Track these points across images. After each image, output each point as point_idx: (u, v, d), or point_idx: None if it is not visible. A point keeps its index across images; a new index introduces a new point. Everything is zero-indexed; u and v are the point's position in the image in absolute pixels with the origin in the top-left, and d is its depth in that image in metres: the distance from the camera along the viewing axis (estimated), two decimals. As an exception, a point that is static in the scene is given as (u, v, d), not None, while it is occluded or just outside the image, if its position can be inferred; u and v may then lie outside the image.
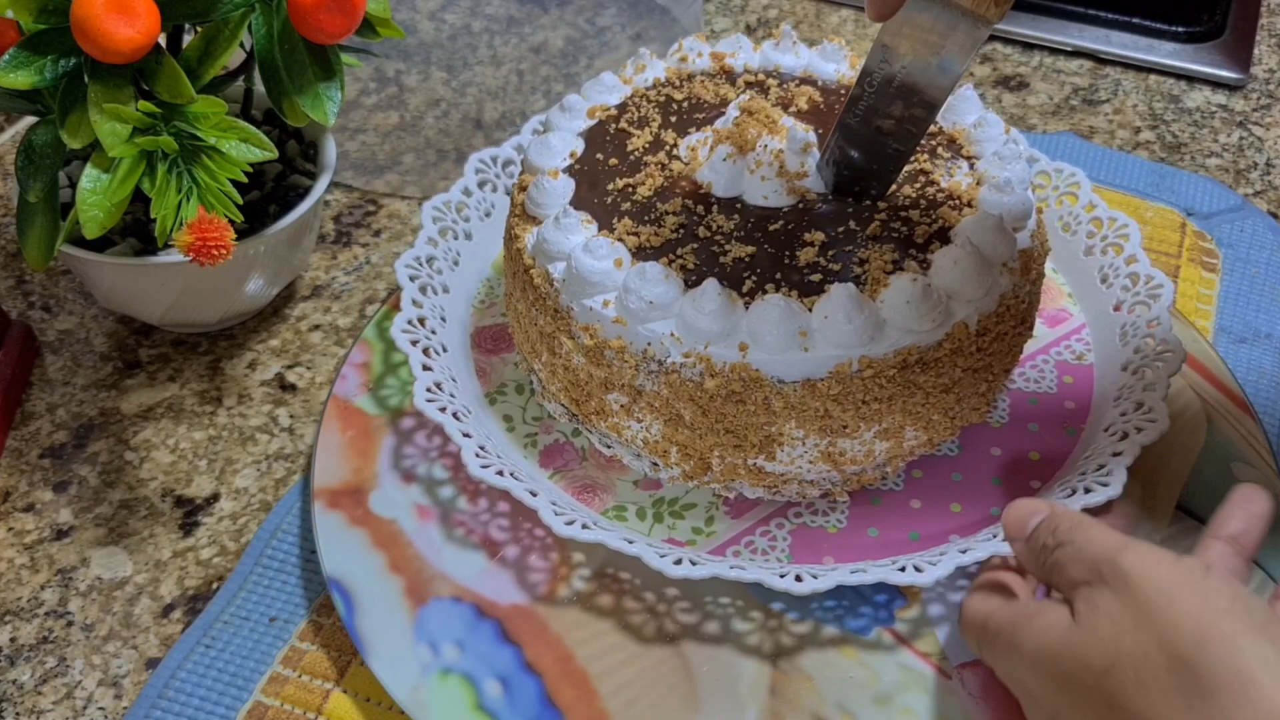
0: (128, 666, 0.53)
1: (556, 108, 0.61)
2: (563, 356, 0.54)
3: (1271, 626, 0.38)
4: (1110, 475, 0.52)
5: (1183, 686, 0.37)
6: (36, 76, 0.51)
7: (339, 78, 0.58)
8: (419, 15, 0.83)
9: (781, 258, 0.52)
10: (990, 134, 0.59)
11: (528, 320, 0.56)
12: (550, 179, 0.56)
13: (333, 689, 0.52)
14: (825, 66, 0.64)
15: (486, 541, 0.55)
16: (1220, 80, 0.86)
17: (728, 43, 0.65)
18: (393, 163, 0.77)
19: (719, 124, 0.59)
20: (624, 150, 0.58)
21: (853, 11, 0.93)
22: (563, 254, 0.53)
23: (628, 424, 0.54)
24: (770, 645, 0.52)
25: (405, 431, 0.60)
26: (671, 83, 0.63)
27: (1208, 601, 0.38)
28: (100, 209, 0.52)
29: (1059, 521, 0.45)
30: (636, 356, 0.51)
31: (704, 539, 0.55)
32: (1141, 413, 0.55)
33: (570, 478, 0.57)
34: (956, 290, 0.51)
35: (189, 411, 0.64)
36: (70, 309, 0.70)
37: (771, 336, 0.49)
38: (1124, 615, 0.40)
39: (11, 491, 0.60)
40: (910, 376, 0.50)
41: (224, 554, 0.57)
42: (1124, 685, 0.39)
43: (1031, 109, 0.84)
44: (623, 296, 0.51)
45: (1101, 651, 0.40)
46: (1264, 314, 0.68)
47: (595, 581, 0.54)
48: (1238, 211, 0.75)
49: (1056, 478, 0.57)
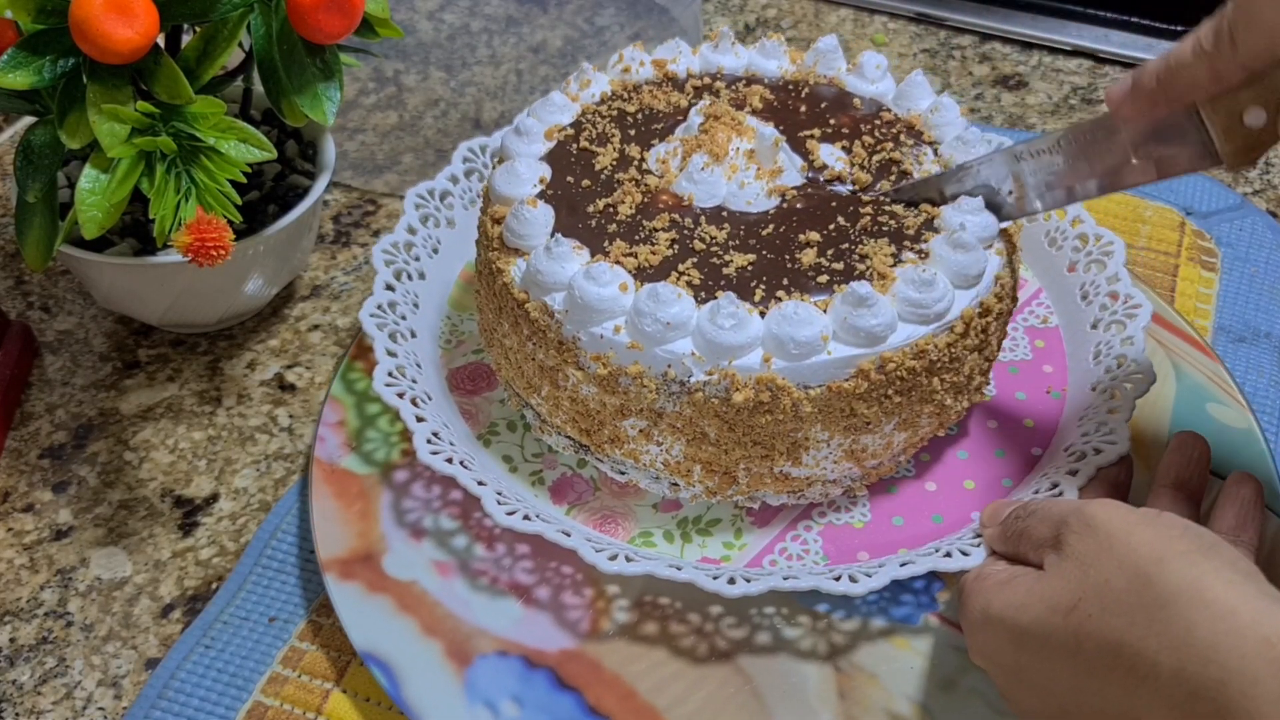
0: (127, 667, 0.53)
1: (511, 132, 0.59)
2: (568, 389, 0.53)
3: (1220, 547, 0.41)
4: (1114, 434, 0.54)
5: (1143, 602, 0.39)
6: (35, 77, 0.51)
7: (338, 78, 0.58)
8: (418, 15, 0.83)
9: (783, 262, 0.52)
10: (947, 118, 0.60)
11: (521, 356, 0.54)
12: (529, 208, 0.53)
13: (332, 689, 0.52)
14: (767, 64, 0.64)
15: (515, 587, 0.53)
16: (1219, 79, 0.85)
17: (667, 48, 0.64)
18: (392, 162, 0.77)
19: (680, 132, 0.58)
20: (593, 170, 0.57)
21: (851, 11, 0.93)
22: (559, 284, 0.51)
23: (646, 448, 0.53)
24: (825, 647, 0.52)
25: (400, 485, 0.57)
26: (619, 95, 0.62)
27: (1160, 531, 0.41)
28: (99, 209, 0.52)
29: (1027, 504, 0.48)
30: (656, 380, 0.50)
31: (737, 553, 0.54)
32: (1127, 369, 0.58)
33: (588, 511, 0.56)
34: (957, 275, 0.52)
35: (188, 411, 0.64)
36: (69, 309, 0.70)
37: (794, 344, 0.48)
38: (1089, 549, 0.42)
39: (11, 492, 0.60)
40: (926, 364, 0.51)
41: (223, 554, 0.57)
42: (1089, 615, 0.41)
43: (1030, 108, 0.84)
44: (635, 320, 0.49)
45: (1068, 588, 0.42)
46: (1263, 313, 0.68)
47: (636, 611, 0.53)
48: (1237, 210, 0.75)
49: (1055, 442, 0.58)
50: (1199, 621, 0.38)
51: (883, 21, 0.92)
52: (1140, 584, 0.40)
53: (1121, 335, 0.60)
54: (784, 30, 0.91)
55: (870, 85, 0.63)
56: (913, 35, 0.91)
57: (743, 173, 0.55)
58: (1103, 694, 0.41)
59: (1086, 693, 0.41)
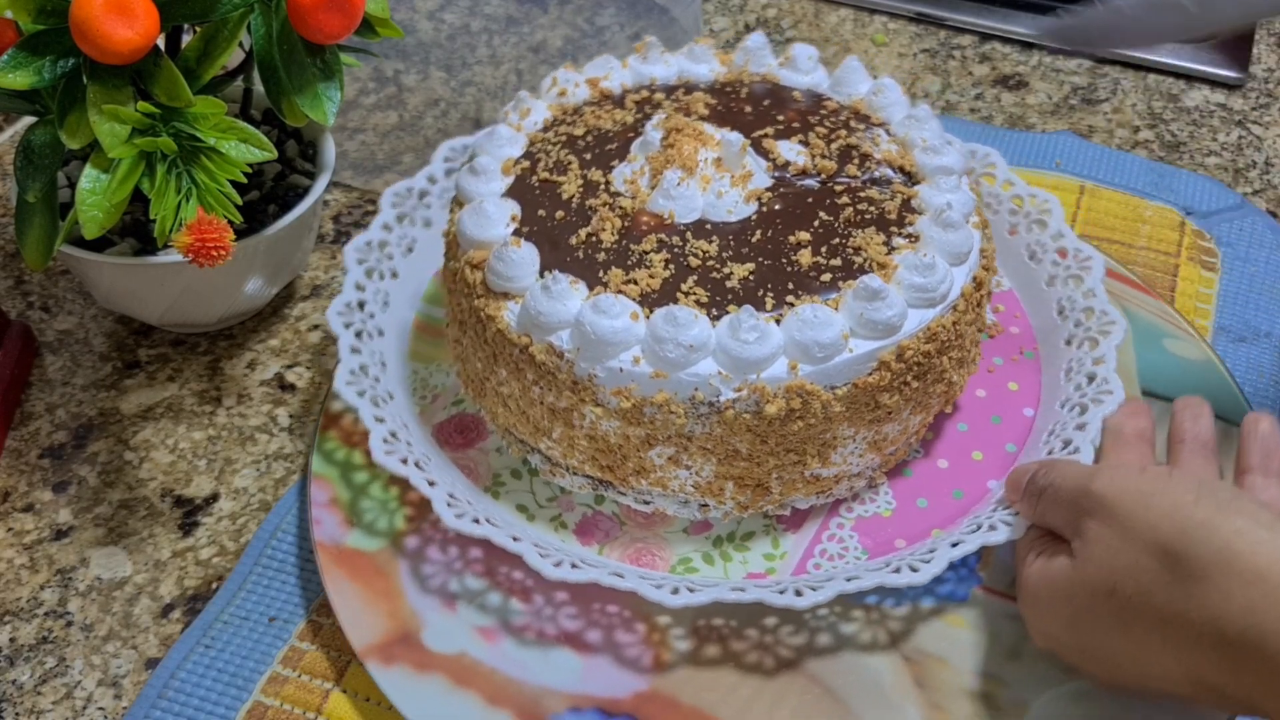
0: (127, 666, 0.53)
1: (466, 172, 0.57)
2: (585, 427, 0.51)
3: (1236, 501, 0.42)
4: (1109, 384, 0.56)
5: (1177, 577, 0.41)
6: (35, 77, 0.51)
7: (338, 78, 0.58)
8: (418, 15, 0.83)
9: (782, 266, 0.52)
10: (891, 98, 0.61)
11: (525, 402, 0.53)
12: (513, 249, 0.51)
13: (332, 689, 0.52)
14: (698, 69, 0.64)
15: (566, 637, 0.52)
16: (1219, 79, 0.86)
17: (596, 65, 0.64)
18: (392, 162, 0.77)
19: (637, 149, 0.57)
20: (561, 200, 0.56)
21: (852, 11, 0.93)
22: (563, 322, 0.50)
23: (675, 474, 0.52)
24: (885, 636, 0.52)
25: (415, 552, 0.55)
26: (562, 120, 0.61)
27: (1175, 498, 0.43)
28: (99, 209, 0.52)
29: (1040, 470, 0.50)
30: (684, 405, 0.49)
31: (779, 562, 0.54)
32: (1099, 320, 0.59)
33: (620, 547, 0.54)
34: (950, 254, 0.53)
35: (188, 411, 0.64)
36: (69, 309, 0.70)
37: (819, 347, 0.48)
38: (1110, 535, 0.44)
39: (11, 491, 0.60)
40: (938, 345, 0.52)
41: (223, 554, 0.57)
42: (1129, 597, 0.43)
43: (1030, 108, 0.84)
44: (654, 348, 0.48)
45: (1101, 574, 0.44)
46: (1263, 313, 0.68)
47: (693, 637, 0.52)
48: (1237, 210, 0.75)
49: (1044, 401, 0.60)
50: (1233, 590, 0.40)
51: (883, 21, 0.92)
52: (1170, 561, 0.41)
53: (1081, 289, 0.61)
54: (784, 30, 0.91)
55: (805, 77, 0.63)
56: (913, 35, 0.91)
57: (716, 182, 0.55)
58: (1161, 662, 0.43)
59: (1146, 663, 0.44)
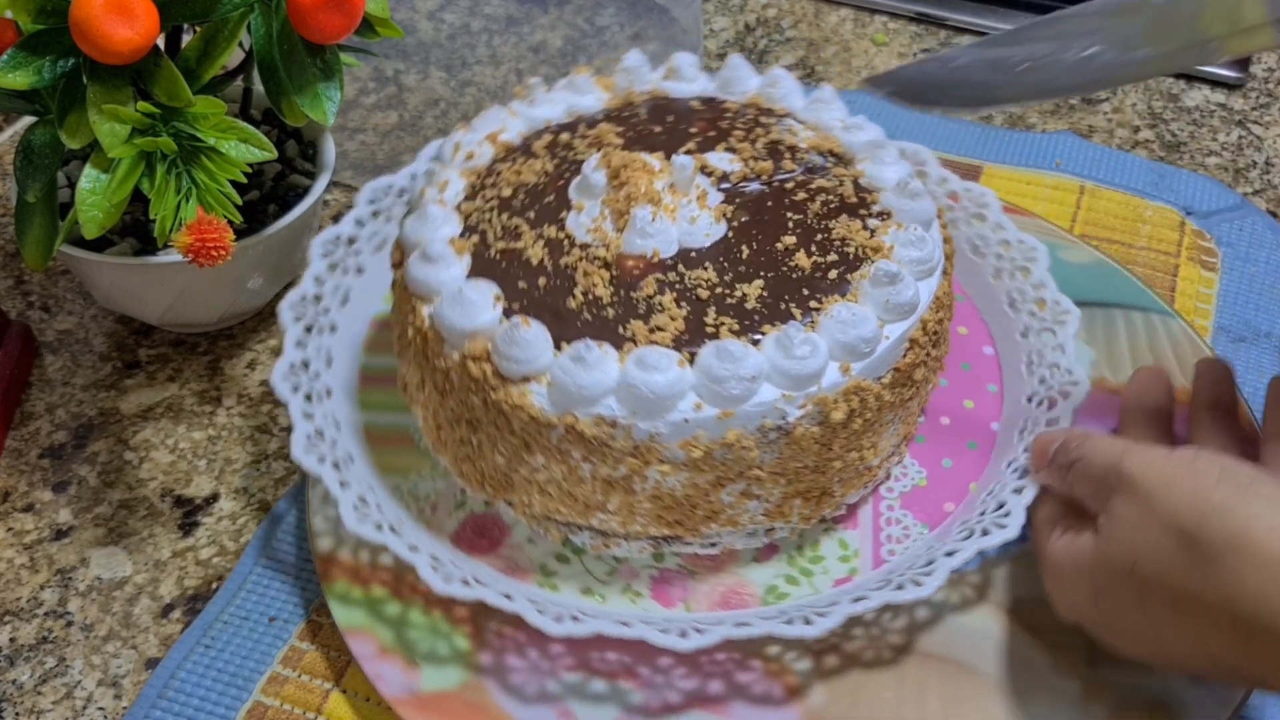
0: (127, 666, 0.53)
1: (419, 264, 0.52)
2: (648, 489, 0.49)
3: (1256, 485, 0.43)
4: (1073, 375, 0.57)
5: (1194, 559, 0.42)
6: (35, 77, 0.51)
7: (338, 77, 0.58)
8: (418, 15, 0.83)
9: (788, 274, 0.52)
10: (787, 88, 0.62)
11: (571, 482, 0.49)
12: (524, 329, 0.47)
13: (332, 689, 0.52)
14: (585, 101, 0.61)
15: (691, 700, 0.50)
16: (1219, 79, 0.86)
17: (487, 120, 0.60)
18: (392, 162, 0.77)
19: (575, 193, 0.55)
20: (533, 267, 0.52)
21: (852, 11, 0.93)
22: (607, 389, 0.47)
23: (745, 508, 0.50)
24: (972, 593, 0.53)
25: (494, 669, 0.51)
26: (482, 185, 0.57)
27: (1197, 481, 0.43)
28: (99, 209, 0.52)
29: (1070, 441, 0.50)
30: (754, 436, 0.48)
31: (857, 560, 0.54)
32: (1053, 310, 0.61)
33: (703, 599, 0.53)
34: (924, 223, 0.54)
35: (188, 411, 0.64)
36: (69, 309, 0.70)
37: (864, 343, 0.49)
38: (1134, 513, 0.45)
39: (11, 491, 0.60)
40: (945, 311, 0.54)
41: (223, 554, 0.57)
42: (1149, 575, 0.44)
43: (1030, 108, 0.84)
44: (714, 388, 0.47)
45: (1123, 552, 0.45)
46: (1263, 313, 0.68)
47: (811, 658, 0.51)
48: (1237, 210, 0.75)
49: (999, 340, 0.63)
50: (1246, 574, 0.41)
51: (883, 21, 0.92)
52: (1187, 543, 0.42)
53: (1031, 281, 0.62)
54: (784, 30, 0.91)
55: (692, 85, 0.62)
56: (913, 35, 0.91)
57: (683, 209, 0.53)
58: (1178, 640, 0.44)
59: (1164, 640, 0.45)
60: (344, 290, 0.62)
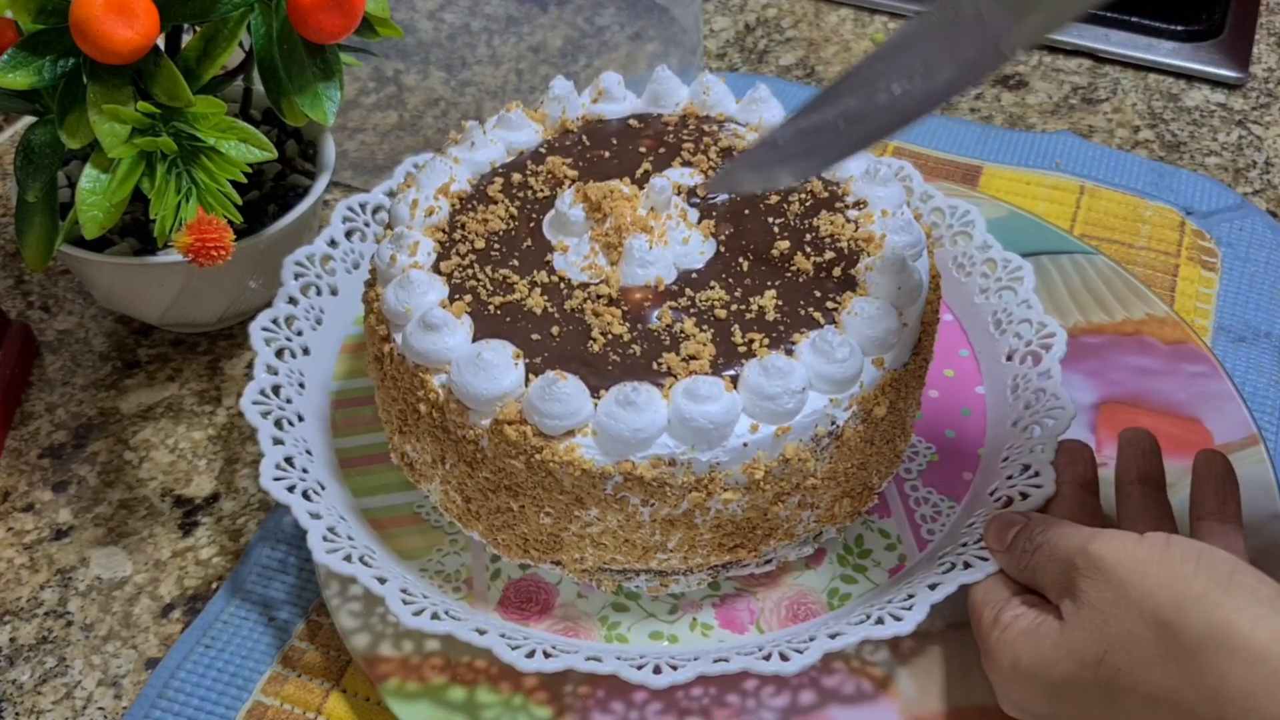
0: (127, 666, 0.53)
1: (421, 335, 0.49)
2: (709, 521, 0.48)
3: (1237, 575, 0.40)
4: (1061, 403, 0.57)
5: (1171, 652, 0.39)
6: (35, 77, 0.51)
7: (338, 77, 0.58)
8: (418, 15, 0.83)
9: (794, 280, 0.52)
10: (720, 93, 0.62)
11: (629, 528, 0.48)
12: (561, 384, 0.45)
13: (332, 689, 0.52)
14: (521, 136, 0.59)
15: (793, 712, 0.50)
16: (1219, 79, 0.86)
17: (431, 175, 0.56)
18: (392, 162, 0.77)
19: (550, 232, 0.54)
20: (539, 317, 0.50)
21: (852, 11, 0.93)
22: (657, 428, 0.46)
23: (800, 517, 0.50)
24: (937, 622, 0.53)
25: None
26: (451, 241, 0.54)
27: (1174, 569, 0.41)
28: (99, 209, 0.52)
29: (1033, 527, 0.47)
30: (810, 446, 0.48)
31: (902, 547, 0.55)
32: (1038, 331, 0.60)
33: (771, 616, 0.53)
34: (897, 204, 0.55)
35: (188, 411, 0.64)
36: (69, 309, 0.70)
37: (890, 334, 0.49)
38: (1104, 600, 0.42)
39: (11, 491, 0.60)
40: (938, 291, 0.55)
41: (223, 554, 0.57)
42: (1119, 668, 0.40)
43: (1030, 108, 0.84)
44: (767, 406, 0.46)
45: (1092, 641, 0.41)
46: (1263, 313, 0.68)
47: (885, 665, 0.51)
48: (1237, 210, 0.75)
49: (963, 314, 0.64)
50: (1231, 670, 0.38)
51: (883, 21, 0.92)
52: (1165, 634, 0.39)
53: (975, 245, 0.63)
54: (784, 30, 0.91)
55: (622, 104, 0.61)
56: (913, 35, 0.91)
57: (674, 231, 0.53)
58: None
59: None
60: (317, 310, 0.61)
